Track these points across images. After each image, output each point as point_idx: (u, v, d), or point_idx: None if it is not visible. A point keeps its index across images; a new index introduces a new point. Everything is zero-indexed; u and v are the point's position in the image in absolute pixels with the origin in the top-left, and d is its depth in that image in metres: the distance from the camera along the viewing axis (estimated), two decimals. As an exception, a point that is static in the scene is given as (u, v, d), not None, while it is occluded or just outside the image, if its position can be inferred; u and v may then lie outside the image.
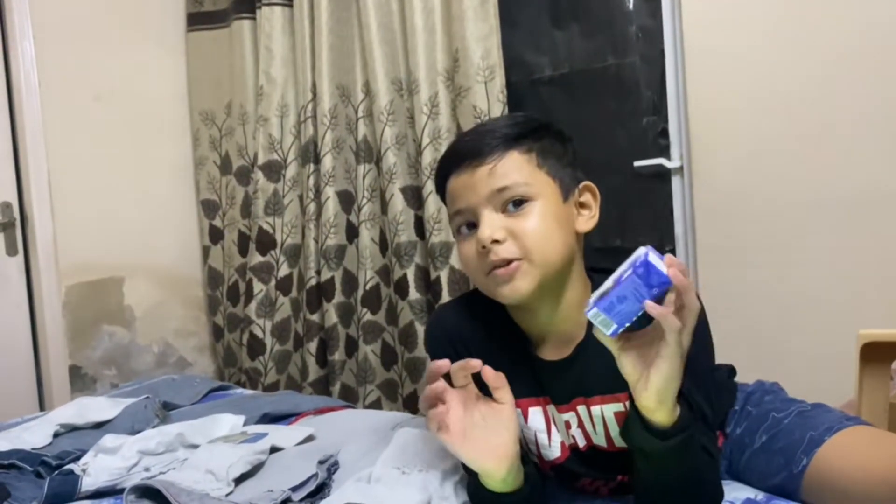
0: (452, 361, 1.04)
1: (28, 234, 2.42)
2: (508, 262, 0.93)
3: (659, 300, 0.77)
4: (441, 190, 1.02)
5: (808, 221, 1.82)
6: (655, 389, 0.81)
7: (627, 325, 0.78)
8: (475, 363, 0.89)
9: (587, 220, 1.00)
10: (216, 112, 2.69)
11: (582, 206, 1.01)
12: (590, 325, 0.97)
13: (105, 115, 2.53)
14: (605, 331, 0.79)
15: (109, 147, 2.54)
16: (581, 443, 1.01)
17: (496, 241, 0.92)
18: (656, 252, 0.78)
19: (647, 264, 0.75)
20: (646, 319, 0.78)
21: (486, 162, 0.94)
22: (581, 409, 0.99)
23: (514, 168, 0.95)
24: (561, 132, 1.02)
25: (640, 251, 0.78)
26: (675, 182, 2.09)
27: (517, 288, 0.94)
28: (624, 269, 0.78)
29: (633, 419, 0.85)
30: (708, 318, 0.99)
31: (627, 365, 0.82)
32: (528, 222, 0.93)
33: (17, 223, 2.41)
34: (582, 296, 0.99)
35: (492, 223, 0.93)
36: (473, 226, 0.96)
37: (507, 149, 0.95)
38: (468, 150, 0.97)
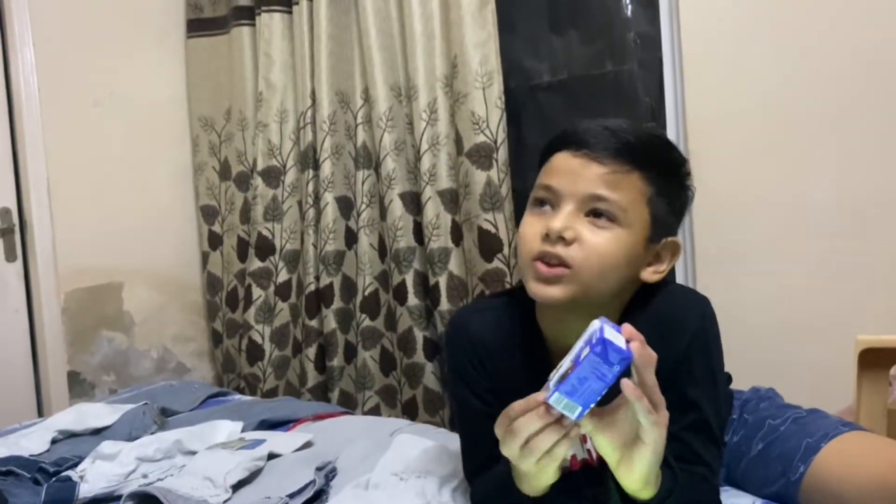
0: (474, 367, 1.03)
1: (27, 239, 2.42)
2: (558, 263, 0.89)
3: (625, 373, 0.74)
4: (546, 153, 0.96)
5: (807, 228, 1.82)
6: (641, 476, 0.78)
7: (592, 405, 0.75)
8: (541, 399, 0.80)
9: (653, 273, 0.96)
10: (215, 118, 2.70)
11: (657, 257, 0.96)
12: None
13: (104, 121, 2.54)
14: (571, 415, 0.75)
15: (109, 153, 2.55)
16: (595, 454, 1.00)
17: (562, 239, 0.89)
18: (611, 324, 0.76)
19: (604, 342, 0.72)
20: (613, 392, 0.75)
21: (606, 164, 0.90)
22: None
23: (626, 188, 0.90)
24: (687, 178, 0.98)
25: (595, 325, 0.75)
26: (674, 188, 2.09)
27: (549, 293, 0.91)
28: (580, 346, 0.75)
29: (612, 494, 0.83)
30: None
31: (606, 446, 0.78)
32: (601, 240, 0.89)
33: (17, 229, 2.41)
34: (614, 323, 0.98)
35: (569, 219, 0.89)
36: (550, 205, 0.92)
37: (634, 167, 0.90)
38: (598, 141, 0.91)
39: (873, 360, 1.27)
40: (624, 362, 0.73)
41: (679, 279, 2.07)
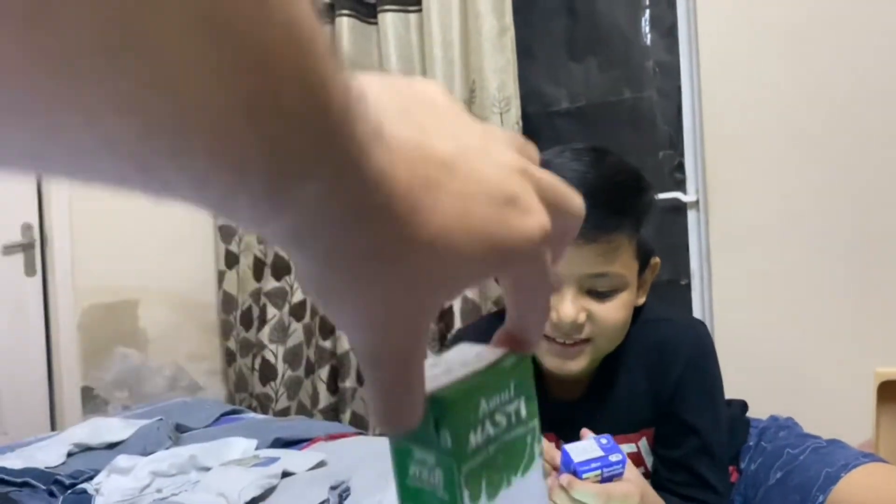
0: None
1: (47, 255, 2.44)
2: (574, 342, 0.90)
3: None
4: None
5: (825, 257, 1.81)
6: None
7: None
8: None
9: (641, 296, 0.97)
10: (235, 138, 2.73)
11: (643, 281, 0.97)
12: (600, 370, 0.98)
13: (127, 140, 2.57)
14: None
15: (130, 171, 2.57)
16: None
17: (575, 326, 0.88)
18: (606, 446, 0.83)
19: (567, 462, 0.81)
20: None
21: (598, 241, 0.86)
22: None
23: (618, 255, 0.88)
24: (653, 199, 0.96)
25: (592, 446, 0.83)
26: (691, 216, 2.09)
27: (570, 368, 0.91)
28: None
29: None
30: (718, 354, 0.99)
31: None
32: (610, 311, 0.89)
33: (37, 244, 2.44)
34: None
35: (577, 303, 0.88)
36: None
37: (620, 232, 0.88)
38: (585, 220, 0.86)
39: (892, 393, 1.26)
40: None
41: (696, 307, 2.06)
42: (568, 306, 0.87)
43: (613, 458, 0.81)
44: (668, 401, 0.95)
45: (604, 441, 0.82)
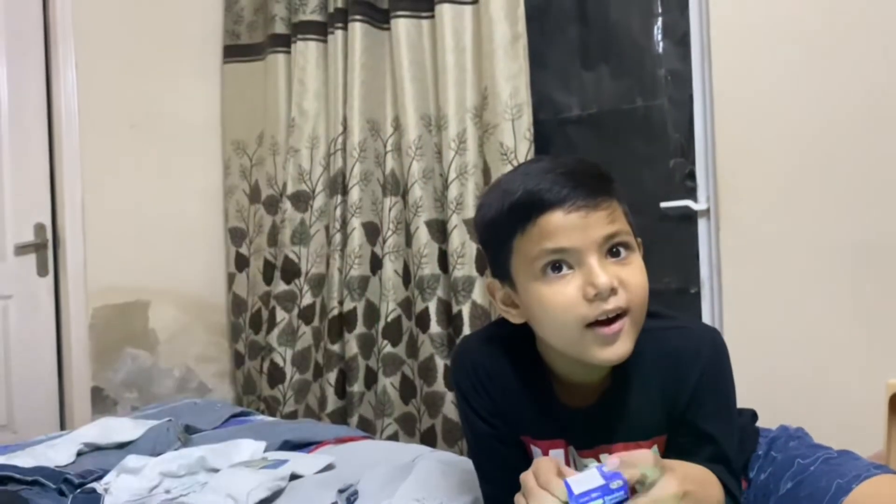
0: (475, 390, 1.04)
1: (59, 255, 2.46)
2: (615, 318, 0.88)
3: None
4: (521, 219, 0.90)
5: (837, 266, 1.81)
6: None
7: None
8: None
9: None
10: (248, 142, 2.74)
11: None
12: (613, 376, 0.97)
13: (140, 142, 2.59)
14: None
15: (142, 173, 2.60)
16: None
17: (612, 290, 0.87)
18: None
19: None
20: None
21: (600, 204, 0.88)
22: (604, 456, 0.98)
23: (619, 215, 0.91)
24: None
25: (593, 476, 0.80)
26: (702, 224, 2.09)
27: (618, 351, 0.88)
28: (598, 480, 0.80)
29: None
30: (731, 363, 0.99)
31: None
32: (632, 274, 0.89)
33: (50, 244, 2.46)
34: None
35: (606, 270, 0.87)
36: (567, 266, 0.89)
37: (614, 196, 0.91)
38: (580, 187, 0.89)
39: (904, 404, 1.25)
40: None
41: (706, 315, 2.06)
42: (599, 273, 0.86)
43: (614, 485, 0.78)
44: (683, 409, 0.94)
45: (606, 469, 0.80)
